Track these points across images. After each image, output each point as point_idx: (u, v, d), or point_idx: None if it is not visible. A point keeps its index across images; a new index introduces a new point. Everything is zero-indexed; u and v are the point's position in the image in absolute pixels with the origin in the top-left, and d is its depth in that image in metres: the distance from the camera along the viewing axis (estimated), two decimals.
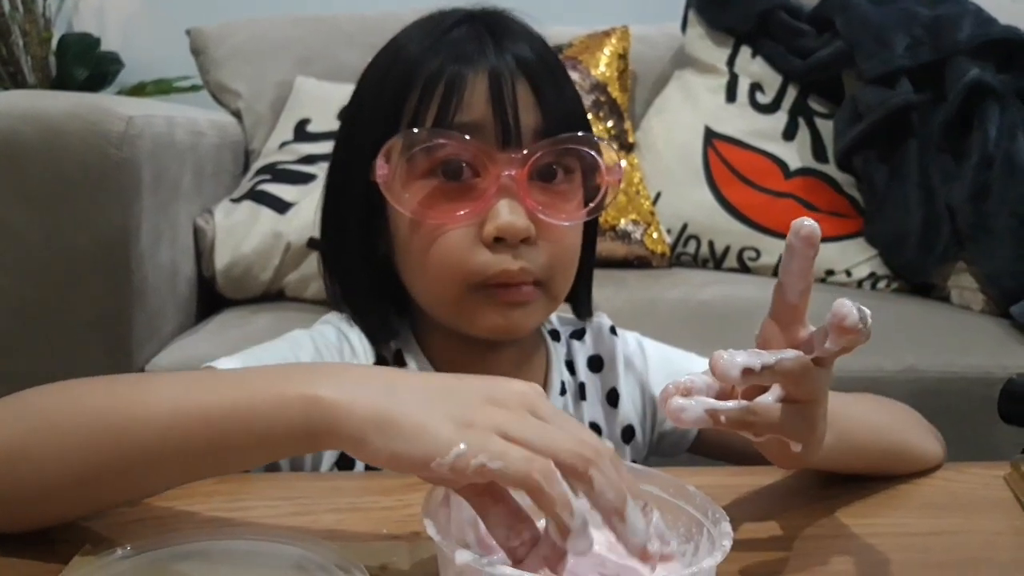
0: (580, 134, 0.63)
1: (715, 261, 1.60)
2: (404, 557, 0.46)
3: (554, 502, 0.36)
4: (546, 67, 0.63)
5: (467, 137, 0.60)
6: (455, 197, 0.62)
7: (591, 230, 0.70)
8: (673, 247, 1.61)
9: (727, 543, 0.38)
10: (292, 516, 0.52)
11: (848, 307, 0.41)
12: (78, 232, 1.11)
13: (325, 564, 0.41)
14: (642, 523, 0.38)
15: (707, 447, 0.74)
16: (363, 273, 0.69)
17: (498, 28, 0.64)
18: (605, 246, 1.56)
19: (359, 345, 0.68)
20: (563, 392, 0.71)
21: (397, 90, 0.63)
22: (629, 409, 0.74)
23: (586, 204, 0.66)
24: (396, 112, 0.63)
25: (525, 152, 0.61)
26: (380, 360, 0.68)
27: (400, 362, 0.68)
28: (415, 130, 0.61)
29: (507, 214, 0.60)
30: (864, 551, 0.50)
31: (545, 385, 0.71)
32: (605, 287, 1.40)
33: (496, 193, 0.60)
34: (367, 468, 0.63)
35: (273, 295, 1.41)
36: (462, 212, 0.61)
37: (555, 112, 0.63)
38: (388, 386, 0.41)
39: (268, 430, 0.42)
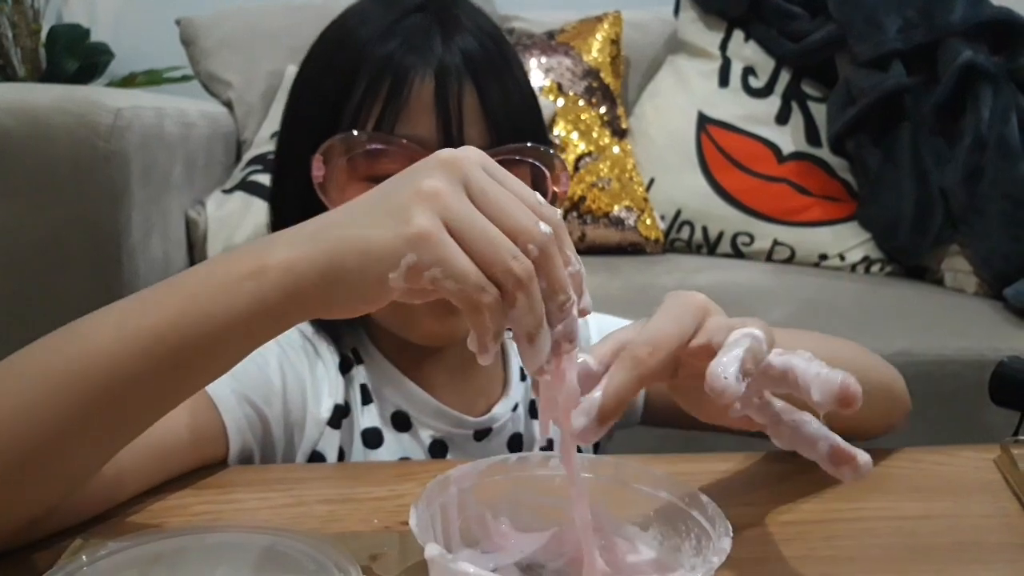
0: (528, 145, 0.62)
1: (709, 246, 1.60)
2: (395, 548, 0.46)
3: (488, 331, 0.38)
4: (490, 61, 0.62)
5: (407, 143, 0.59)
6: None
7: None
8: (667, 233, 1.61)
9: (716, 560, 0.38)
10: (284, 508, 0.52)
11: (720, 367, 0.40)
12: (67, 226, 1.11)
13: (315, 556, 0.41)
14: (546, 350, 0.39)
15: (657, 417, 0.73)
16: None
17: (448, 19, 0.63)
18: (599, 233, 1.56)
19: (322, 345, 0.66)
20: (523, 378, 0.71)
21: (340, 82, 0.61)
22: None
23: None
24: (337, 107, 0.61)
25: None
26: (343, 359, 0.66)
27: (358, 360, 0.67)
28: (355, 133, 0.60)
29: None
30: (853, 535, 0.50)
31: (504, 372, 0.71)
32: (599, 274, 1.40)
33: None
34: (339, 459, 0.63)
35: None
36: None
37: (501, 119, 0.61)
38: (318, 228, 0.41)
39: (226, 323, 0.41)
